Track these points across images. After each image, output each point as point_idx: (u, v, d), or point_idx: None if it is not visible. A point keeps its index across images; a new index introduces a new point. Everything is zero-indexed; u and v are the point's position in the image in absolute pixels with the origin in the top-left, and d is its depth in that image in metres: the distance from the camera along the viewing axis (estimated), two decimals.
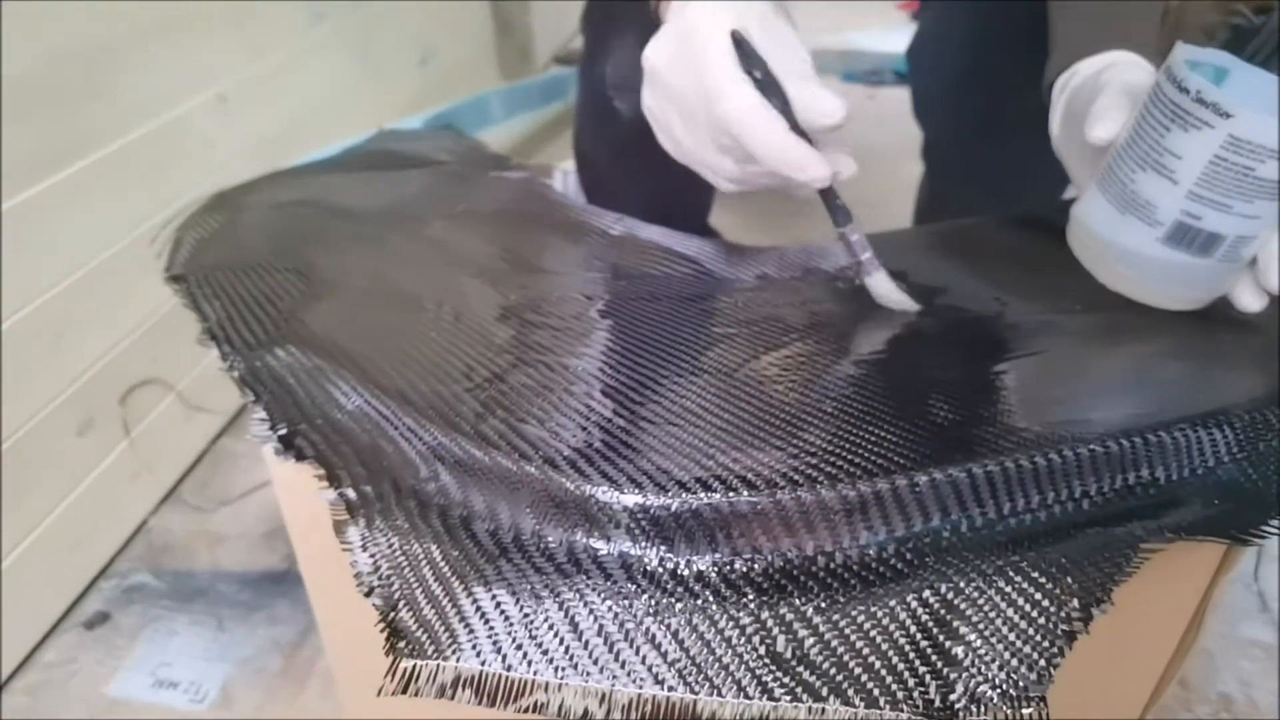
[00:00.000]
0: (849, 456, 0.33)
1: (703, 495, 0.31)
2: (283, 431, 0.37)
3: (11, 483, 0.69)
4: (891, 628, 0.31)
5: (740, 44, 0.39)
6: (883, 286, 0.44)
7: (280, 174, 0.60)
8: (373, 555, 0.33)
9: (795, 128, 0.39)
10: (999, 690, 0.31)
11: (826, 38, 1.97)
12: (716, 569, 0.31)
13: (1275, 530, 0.38)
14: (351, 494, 0.35)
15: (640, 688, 0.30)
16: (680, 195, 0.73)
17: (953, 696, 0.30)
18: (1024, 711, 0.31)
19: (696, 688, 0.30)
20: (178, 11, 0.82)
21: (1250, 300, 0.42)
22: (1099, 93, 0.43)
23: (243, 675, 0.72)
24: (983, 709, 0.30)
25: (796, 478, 0.32)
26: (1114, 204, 0.43)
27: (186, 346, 0.42)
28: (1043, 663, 0.31)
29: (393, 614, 0.32)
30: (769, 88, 0.39)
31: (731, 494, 0.31)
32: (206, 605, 0.78)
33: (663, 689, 0.30)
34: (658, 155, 0.45)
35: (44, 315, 0.71)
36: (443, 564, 0.32)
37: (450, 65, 1.33)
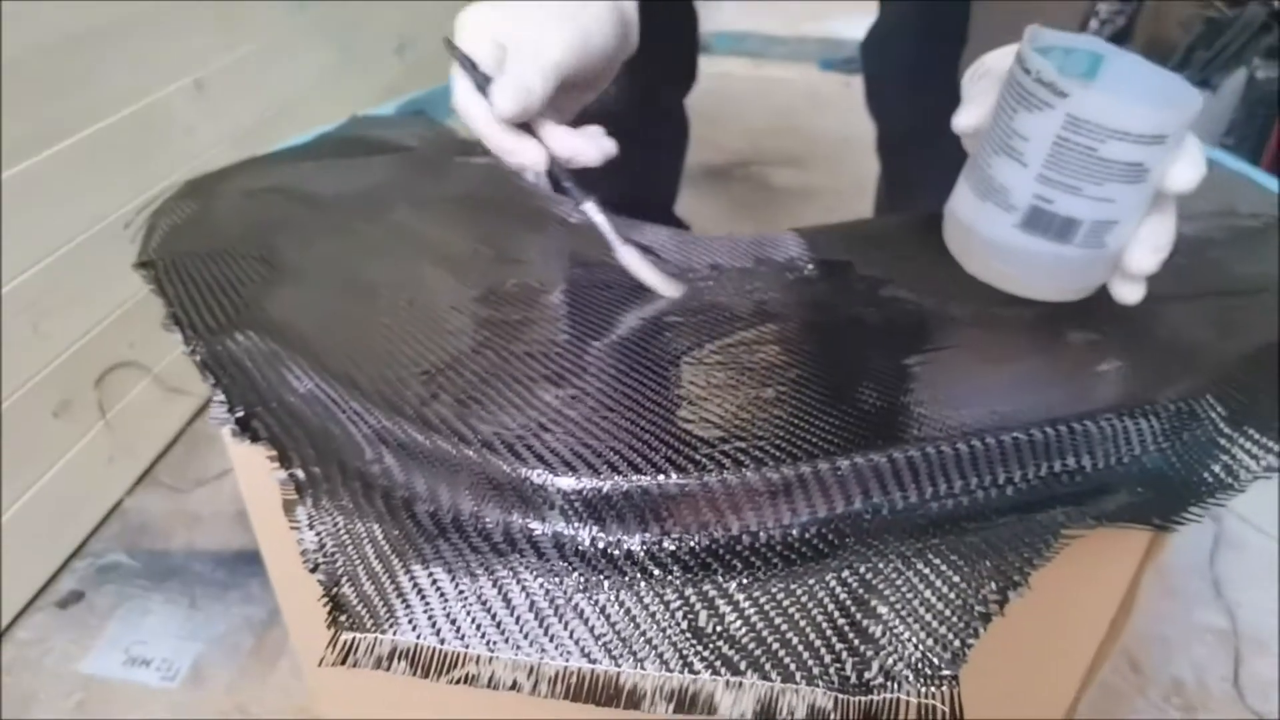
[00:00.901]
0: (776, 441, 0.34)
1: (634, 478, 0.33)
2: (239, 414, 0.39)
3: None
4: (810, 606, 0.32)
5: (450, 46, 0.44)
6: (632, 263, 0.45)
7: (253, 161, 0.60)
8: (318, 533, 0.35)
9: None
10: (914, 668, 0.32)
11: (807, 25, 1.98)
12: (645, 548, 0.32)
13: (1196, 517, 0.39)
14: (301, 474, 0.36)
15: (567, 661, 0.31)
16: (643, 183, 0.74)
17: (868, 674, 0.32)
18: (939, 689, 0.32)
19: (620, 661, 0.31)
20: None
21: (1125, 292, 0.41)
22: (973, 82, 0.43)
23: (214, 653, 0.73)
24: (897, 686, 0.32)
25: (724, 461, 0.33)
26: (974, 191, 0.42)
27: (162, 330, 0.44)
28: (957, 643, 0.33)
29: (335, 589, 0.33)
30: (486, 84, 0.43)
31: (661, 476, 0.33)
32: (180, 584, 0.79)
33: (588, 661, 0.31)
34: (618, 142, 0.46)
35: (21, 297, 0.72)
36: (384, 543, 0.34)
37: (428, 53, 1.34)
